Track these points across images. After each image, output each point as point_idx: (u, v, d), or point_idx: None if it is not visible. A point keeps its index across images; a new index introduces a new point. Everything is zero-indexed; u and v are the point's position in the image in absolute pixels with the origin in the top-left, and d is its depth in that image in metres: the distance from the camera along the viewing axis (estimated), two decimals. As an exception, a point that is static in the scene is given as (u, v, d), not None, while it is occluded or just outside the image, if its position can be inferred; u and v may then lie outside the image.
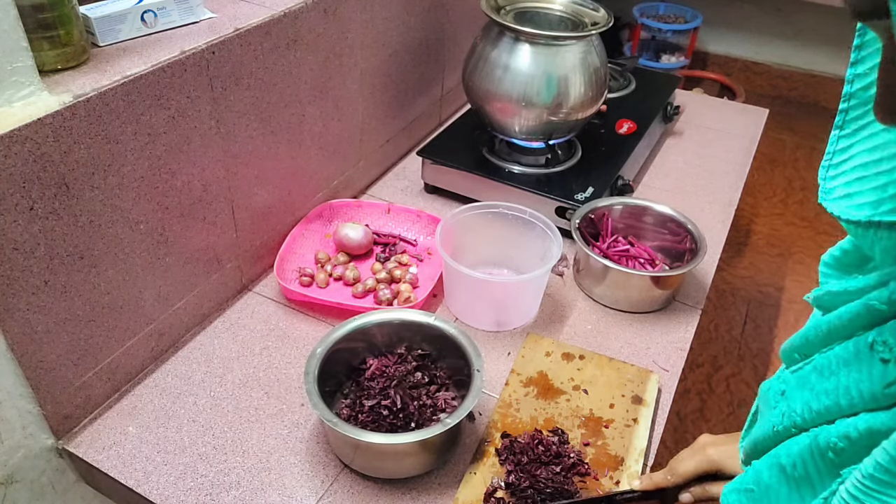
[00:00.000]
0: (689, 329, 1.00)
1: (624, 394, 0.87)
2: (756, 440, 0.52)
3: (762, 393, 0.55)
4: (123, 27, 0.79)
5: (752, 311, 2.11)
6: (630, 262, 1.07)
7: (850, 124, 0.45)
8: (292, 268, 1.05)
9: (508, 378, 0.89)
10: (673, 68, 3.05)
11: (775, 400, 0.50)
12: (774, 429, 0.48)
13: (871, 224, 0.41)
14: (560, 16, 1.20)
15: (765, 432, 0.50)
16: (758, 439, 0.51)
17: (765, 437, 0.50)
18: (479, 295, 0.98)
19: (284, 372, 0.90)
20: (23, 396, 0.73)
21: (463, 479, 0.77)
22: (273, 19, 0.89)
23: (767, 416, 0.50)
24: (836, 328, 0.44)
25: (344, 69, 1.07)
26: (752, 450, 0.52)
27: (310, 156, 1.07)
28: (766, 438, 0.50)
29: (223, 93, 0.85)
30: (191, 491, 0.75)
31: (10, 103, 0.64)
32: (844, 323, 0.44)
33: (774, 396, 0.51)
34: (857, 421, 0.41)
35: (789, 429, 0.46)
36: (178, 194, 0.84)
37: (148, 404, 0.85)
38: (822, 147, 0.47)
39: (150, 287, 0.85)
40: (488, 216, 1.03)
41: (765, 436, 0.50)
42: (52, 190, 0.68)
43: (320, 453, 0.80)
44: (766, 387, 0.54)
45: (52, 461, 0.80)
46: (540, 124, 1.15)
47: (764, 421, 0.51)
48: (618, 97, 1.46)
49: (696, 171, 1.37)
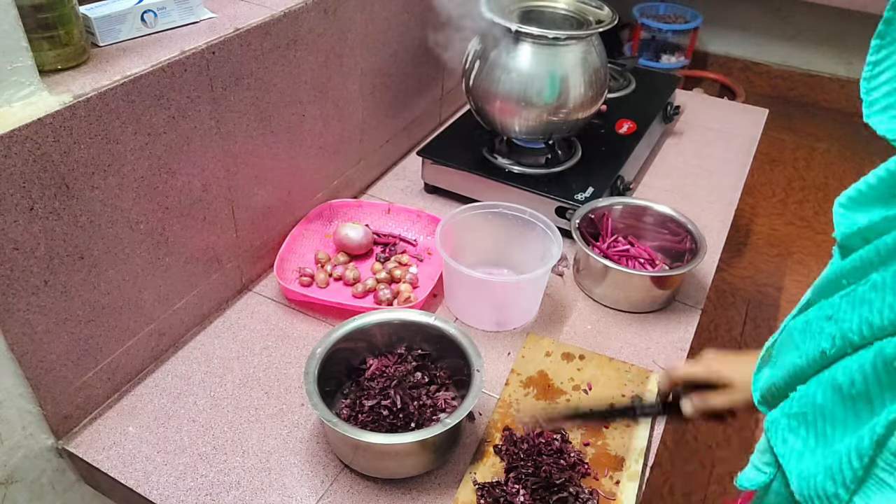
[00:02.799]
0: (689, 329, 1.00)
1: (624, 394, 0.87)
2: (796, 368, 0.51)
3: (795, 327, 0.55)
4: (123, 27, 0.79)
5: (752, 310, 2.11)
6: (630, 262, 1.07)
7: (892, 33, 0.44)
8: (292, 268, 1.05)
9: (508, 378, 0.89)
10: (673, 68, 3.05)
11: (819, 326, 0.50)
12: (824, 353, 0.48)
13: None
14: (564, 14, 1.20)
15: (810, 359, 0.50)
16: (799, 367, 0.51)
17: (810, 363, 0.50)
18: (479, 295, 0.98)
19: (284, 372, 0.90)
20: (23, 396, 0.73)
21: (463, 479, 0.77)
22: (273, 19, 0.89)
23: (811, 343, 0.50)
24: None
25: (344, 69, 1.07)
26: (791, 379, 0.52)
27: (310, 156, 1.07)
28: (812, 364, 0.50)
29: (223, 93, 0.85)
30: (191, 491, 0.75)
31: (10, 103, 0.64)
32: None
33: (818, 323, 0.50)
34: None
35: (845, 348, 0.46)
36: (178, 194, 0.84)
37: (148, 404, 0.85)
38: (822, 147, 0.47)
39: (150, 287, 0.85)
40: (488, 216, 1.03)
41: (810, 362, 0.50)
42: (52, 190, 0.68)
43: (320, 453, 0.80)
44: (803, 320, 0.54)
45: (52, 461, 0.80)
46: (540, 124, 1.15)
47: (806, 348, 0.51)
48: (618, 97, 1.46)
49: (696, 171, 1.37)
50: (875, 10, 2.42)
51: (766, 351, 0.60)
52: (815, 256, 2.32)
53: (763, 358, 0.60)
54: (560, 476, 0.75)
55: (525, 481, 0.75)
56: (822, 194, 2.62)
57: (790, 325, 0.56)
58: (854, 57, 3.12)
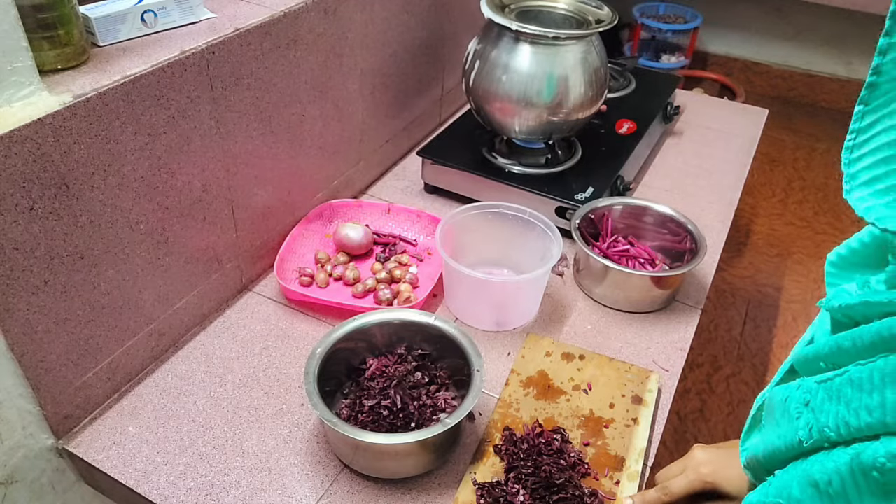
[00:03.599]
0: (689, 329, 1.00)
1: (624, 394, 0.87)
2: (776, 450, 0.49)
3: (775, 399, 0.53)
4: (123, 27, 0.79)
5: (752, 311, 2.11)
6: (630, 262, 1.07)
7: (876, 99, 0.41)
8: (292, 268, 1.05)
9: (508, 378, 0.89)
10: (673, 68, 3.05)
11: (797, 410, 0.47)
12: (802, 442, 0.46)
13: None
14: (564, 14, 1.20)
15: (788, 443, 0.48)
16: (778, 449, 0.49)
17: (788, 447, 0.48)
18: (479, 295, 0.98)
19: (284, 372, 0.90)
20: (23, 396, 0.73)
21: (463, 479, 0.77)
22: (273, 19, 0.89)
23: (788, 427, 0.48)
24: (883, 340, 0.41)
25: (344, 69, 1.07)
26: (770, 459, 0.50)
27: (310, 156, 1.07)
28: (790, 449, 0.48)
29: (223, 93, 0.85)
30: (191, 491, 0.75)
31: (10, 103, 0.64)
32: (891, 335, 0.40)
33: (797, 406, 0.48)
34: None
35: (821, 443, 0.44)
36: (178, 194, 0.84)
37: (148, 404, 0.85)
38: (822, 147, 0.46)
39: (150, 287, 0.85)
40: (488, 216, 1.03)
41: (788, 446, 0.48)
42: (52, 190, 0.68)
43: (320, 453, 0.80)
44: (783, 394, 0.51)
45: (52, 461, 0.80)
46: (540, 124, 1.15)
47: (784, 430, 0.49)
48: (618, 97, 1.46)
49: (696, 171, 1.37)
50: (875, 10, 2.41)
51: (757, 411, 0.58)
52: (815, 257, 2.32)
53: (754, 418, 0.58)
54: (560, 476, 0.75)
55: (525, 481, 0.75)
56: (822, 194, 2.62)
57: (774, 393, 0.54)
58: (854, 57, 3.12)
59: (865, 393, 0.41)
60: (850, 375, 0.43)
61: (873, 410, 0.40)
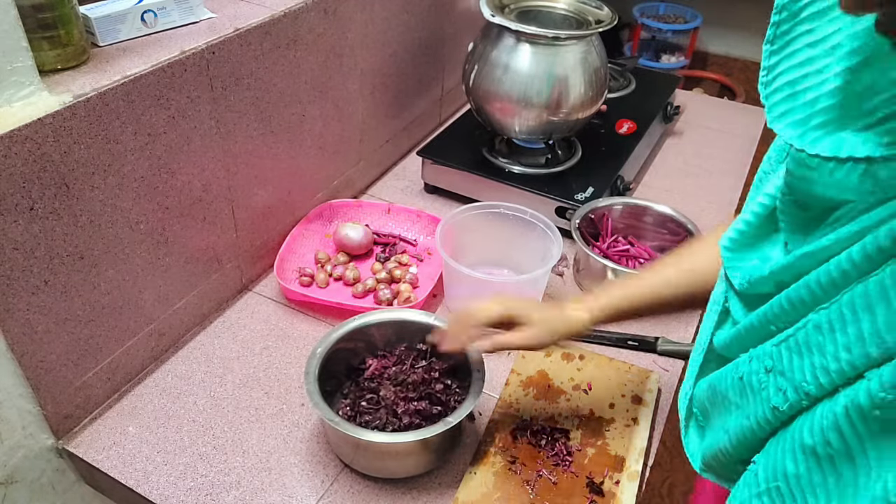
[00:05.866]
0: (690, 329, 1.00)
1: (624, 394, 0.87)
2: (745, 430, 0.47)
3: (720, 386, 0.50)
4: (123, 27, 0.79)
5: (752, 311, 2.11)
6: (630, 262, 1.07)
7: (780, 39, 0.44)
8: (292, 268, 1.05)
9: (508, 378, 0.89)
10: (673, 68, 3.05)
11: (760, 381, 0.45)
12: (776, 410, 0.43)
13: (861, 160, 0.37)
14: (564, 14, 1.20)
15: (760, 418, 0.45)
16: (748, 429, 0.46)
17: (761, 423, 0.45)
18: (479, 295, 0.97)
19: (284, 372, 0.90)
20: (23, 396, 0.73)
21: (463, 479, 0.77)
22: (273, 19, 0.89)
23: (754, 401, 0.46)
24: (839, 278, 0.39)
25: (344, 69, 1.07)
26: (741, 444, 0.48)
27: (310, 156, 1.07)
28: (764, 424, 0.45)
29: (223, 93, 0.85)
30: (191, 491, 0.75)
31: (10, 103, 0.64)
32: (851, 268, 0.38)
33: (758, 378, 0.45)
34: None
35: (799, 402, 0.41)
36: (178, 194, 0.84)
37: (148, 404, 0.84)
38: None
39: (150, 287, 0.85)
40: (488, 216, 1.03)
41: (760, 422, 0.45)
42: (52, 190, 0.68)
43: (320, 453, 0.80)
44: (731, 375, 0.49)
45: (52, 461, 0.80)
46: (540, 124, 1.15)
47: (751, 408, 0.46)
48: (618, 97, 1.46)
49: (696, 171, 1.37)
50: (875, 10, 2.40)
51: (688, 412, 0.57)
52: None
53: (687, 419, 0.57)
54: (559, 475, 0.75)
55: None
56: (822, 194, 2.61)
57: (714, 381, 0.52)
58: (854, 57, 3.12)
59: (838, 332, 0.39)
60: (813, 323, 0.41)
61: (851, 346, 0.38)
